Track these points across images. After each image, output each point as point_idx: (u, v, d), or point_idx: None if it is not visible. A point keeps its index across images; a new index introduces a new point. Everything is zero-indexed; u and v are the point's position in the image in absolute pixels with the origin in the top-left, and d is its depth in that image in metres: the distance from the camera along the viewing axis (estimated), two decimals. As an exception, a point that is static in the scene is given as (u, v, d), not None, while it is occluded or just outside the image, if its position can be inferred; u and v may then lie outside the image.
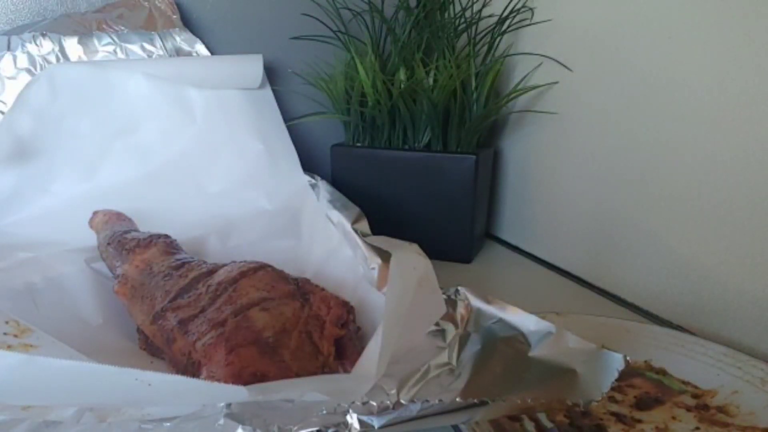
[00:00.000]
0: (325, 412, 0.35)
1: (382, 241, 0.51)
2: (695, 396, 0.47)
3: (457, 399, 0.37)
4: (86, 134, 0.71)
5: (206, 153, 0.73)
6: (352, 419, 0.35)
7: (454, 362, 0.41)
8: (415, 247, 0.50)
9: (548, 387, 0.40)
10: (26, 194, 0.68)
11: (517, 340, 0.43)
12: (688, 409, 0.45)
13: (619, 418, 0.45)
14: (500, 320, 0.44)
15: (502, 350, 0.43)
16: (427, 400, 0.37)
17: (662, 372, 0.49)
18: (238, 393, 0.36)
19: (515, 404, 0.38)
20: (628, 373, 0.47)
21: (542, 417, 0.45)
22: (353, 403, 0.35)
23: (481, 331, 0.44)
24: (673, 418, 0.44)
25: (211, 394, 0.36)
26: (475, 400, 0.38)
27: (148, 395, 0.35)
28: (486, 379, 0.40)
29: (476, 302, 0.46)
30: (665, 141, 0.57)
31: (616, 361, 0.40)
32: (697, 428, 0.43)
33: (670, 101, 0.56)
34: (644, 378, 0.49)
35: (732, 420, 0.44)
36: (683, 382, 0.48)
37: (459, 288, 0.46)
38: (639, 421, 0.44)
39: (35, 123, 0.69)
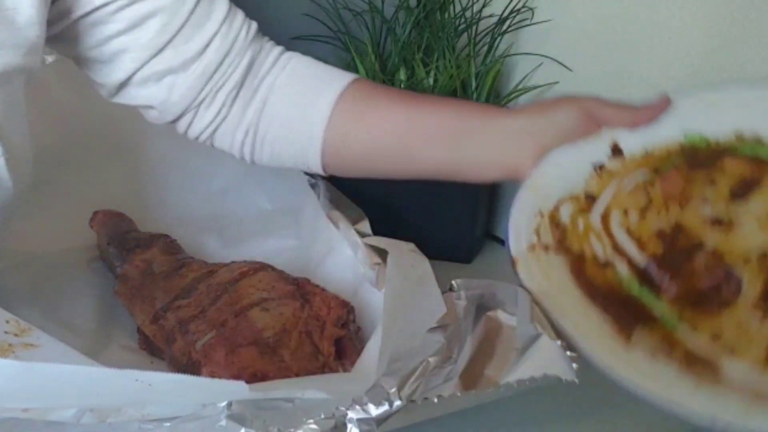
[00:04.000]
0: (324, 414, 0.35)
1: (379, 240, 0.51)
2: None
3: (457, 393, 0.38)
4: (86, 134, 0.71)
5: (206, 152, 0.73)
6: (353, 420, 0.35)
7: (452, 353, 0.42)
8: (411, 246, 0.50)
9: (537, 357, 0.39)
10: (26, 194, 0.67)
11: (503, 309, 0.43)
12: None
13: (714, 223, 0.38)
14: (485, 295, 0.44)
15: (491, 327, 0.44)
16: (426, 398, 0.37)
17: (757, 141, 0.41)
18: (239, 389, 0.36)
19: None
20: (714, 154, 0.40)
21: (634, 252, 0.39)
22: (353, 403, 0.36)
23: (473, 313, 0.44)
24: None
25: (212, 392, 0.36)
26: (473, 393, 0.38)
27: (149, 396, 0.35)
28: (482, 362, 0.41)
29: (469, 290, 0.46)
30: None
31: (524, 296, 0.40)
32: None
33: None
34: (735, 156, 0.40)
35: None
36: None
37: (453, 282, 0.46)
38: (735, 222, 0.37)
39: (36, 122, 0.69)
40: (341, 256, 0.55)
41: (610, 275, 0.39)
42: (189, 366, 0.45)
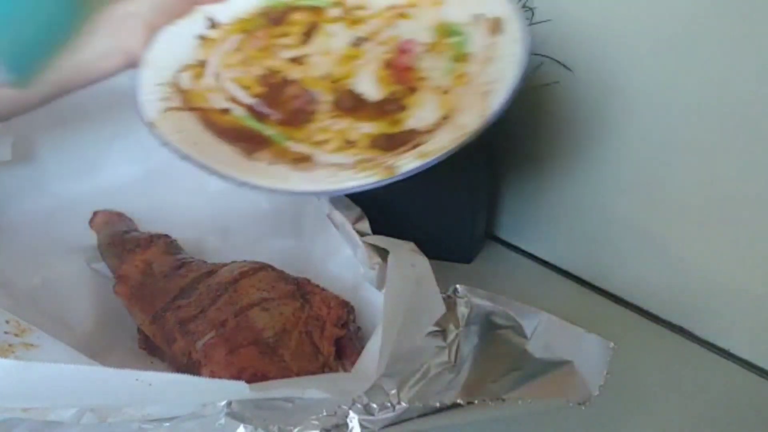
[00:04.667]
0: (325, 413, 0.35)
1: (379, 240, 0.51)
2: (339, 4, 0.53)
3: (458, 400, 0.37)
4: (86, 133, 0.71)
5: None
6: (353, 420, 0.35)
7: (453, 360, 0.42)
8: (411, 245, 0.50)
9: (547, 380, 0.40)
10: (26, 194, 0.68)
11: (514, 331, 0.44)
12: (336, 20, 0.53)
13: (294, 61, 0.51)
14: (496, 313, 0.45)
15: (500, 344, 0.44)
16: (428, 401, 0.37)
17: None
18: (240, 389, 0.36)
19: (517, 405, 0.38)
20: (286, 10, 0.53)
21: (244, 96, 0.49)
22: (354, 404, 0.36)
23: (479, 326, 0.45)
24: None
25: (212, 391, 0.36)
26: (475, 401, 0.38)
27: (149, 395, 0.35)
28: (486, 375, 0.41)
29: (474, 298, 0.46)
30: (665, 140, 0.57)
31: (605, 348, 0.41)
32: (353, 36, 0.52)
33: (670, 100, 0.56)
34: (299, 8, 0.54)
35: (367, 12, 0.53)
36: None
37: (458, 286, 0.46)
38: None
39: (35, 122, 0.69)
40: (341, 256, 0.55)
41: (231, 118, 0.48)
42: (189, 366, 0.45)
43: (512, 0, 0.50)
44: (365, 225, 0.56)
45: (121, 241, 0.58)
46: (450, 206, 0.70)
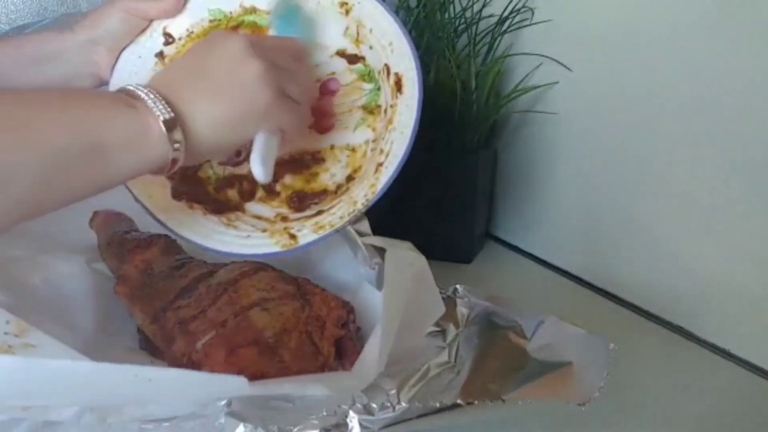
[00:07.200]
0: (325, 413, 0.35)
1: (377, 240, 0.51)
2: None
3: (458, 400, 0.37)
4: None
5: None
6: (353, 420, 0.35)
7: (453, 360, 0.42)
8: (408, 244, 0.50)
9: (547, 380, 0.40)
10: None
11: (514, 331, 0.44)
12: None
13: None
14: (496, 313, 0.45)
15: (500, 344, 0.44)
16: (428, 401, 0.37)
17: (253, 10, 0.54)
18: (240, 385, 0.36)
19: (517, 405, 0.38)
20: (232, 27, 0.54)
21: None
22: (354, 403, 0.36)
23: (479, 326, 0.45)
24: None
25: (212, 387, 0.36)
26: (475, 401, 0.38)
27: (148, 391, 0.35)
28: (486, 375, 0.41)
29: (475, 299, 0.46)
30: (665, 140, 0.57)
31: (605, 348, 0.41)
32: None
33: (670, 101, 0.56)
34: (244, 26, 0.54)
35: None
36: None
37: (458, 286, 0.46)
38: None
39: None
40: (341, 256, 0.55)
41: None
42: (189, 366, 0.45)
43: (416, 58, 0.50)
44: (365, 225, 0.56)
45: (121, 241, 0.58)
46: (450, 206, 0.70)
